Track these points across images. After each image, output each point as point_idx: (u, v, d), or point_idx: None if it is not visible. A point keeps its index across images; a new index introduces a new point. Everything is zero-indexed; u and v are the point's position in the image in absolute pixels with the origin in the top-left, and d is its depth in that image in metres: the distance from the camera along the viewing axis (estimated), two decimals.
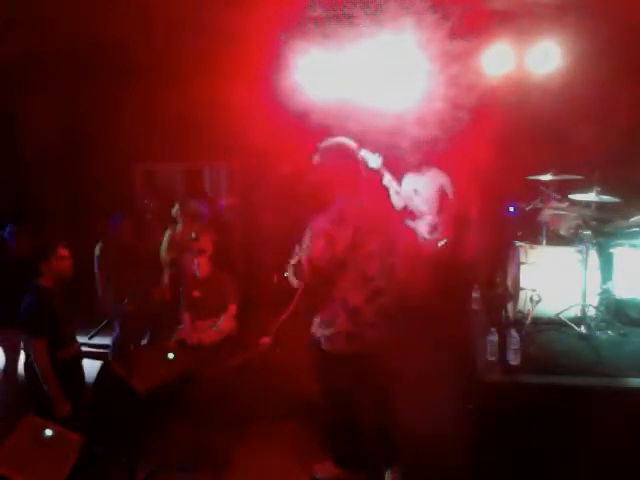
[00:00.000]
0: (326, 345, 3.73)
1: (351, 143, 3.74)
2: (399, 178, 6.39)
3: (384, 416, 3.90)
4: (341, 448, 3.92)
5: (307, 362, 4.11)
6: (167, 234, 6.34)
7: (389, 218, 3.98)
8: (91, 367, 4.52)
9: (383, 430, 3.91)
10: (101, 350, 5.91)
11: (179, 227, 6.33)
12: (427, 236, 6.20)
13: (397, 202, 6.14)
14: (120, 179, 7.64)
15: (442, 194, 6.26)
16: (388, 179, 5.96)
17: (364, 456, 3.90)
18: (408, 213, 6.19)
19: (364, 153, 5.68)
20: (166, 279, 6.27)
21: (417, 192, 6.27)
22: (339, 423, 3.87)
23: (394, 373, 4.00)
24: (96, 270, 5.78)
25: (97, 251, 5.80)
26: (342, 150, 3.73)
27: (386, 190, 6.05)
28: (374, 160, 5.77)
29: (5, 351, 5.20)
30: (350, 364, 3.73)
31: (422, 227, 6.21)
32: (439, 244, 6.18)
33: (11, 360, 5.12)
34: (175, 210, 6.34)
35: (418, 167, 6.29)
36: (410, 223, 6.22)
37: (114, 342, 5.79)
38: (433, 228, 6.20)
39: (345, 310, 3.67)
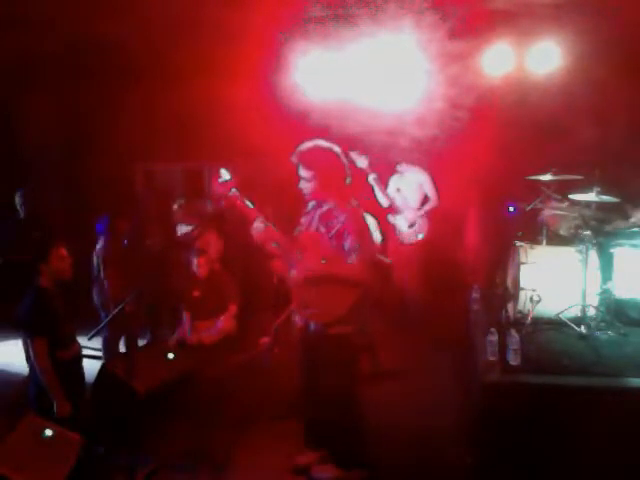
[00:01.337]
0: (341, 340, 3.70)
1: (332, 146, 3.73)
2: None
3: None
4: (340, 448, 3.91)
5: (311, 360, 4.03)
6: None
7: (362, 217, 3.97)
8: (91, 367, 4.52)
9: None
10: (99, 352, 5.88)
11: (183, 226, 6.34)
12: (405, 231, 6.33)
13: (382, 200, 6.25)
14: (120, 179, 7.63)
15: (421, 192, 6.39)
16: (373, 178, 6.09)
17: (362, 455, 3.88)
18: (390, 210, 6.29)
19: (353, 154, 5.78)
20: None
21: (399, 190, 6.40)
22: (338, 422, 3.86)
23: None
24: (94, 270, 5.77)
25: (97, 251, 5.79)
26: (327, 152, 3.71)
27: (371, 188, 6.18)
28: (361, 161, 5.87)
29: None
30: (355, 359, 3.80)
31: (401, 223, 6.33)
32: (413, 240, 6.34)
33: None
34: (177, 208, 6.34)
35: (400, 166, 6.40)
36: (391, 219, 6.34)
37: (104, 342, 5.76)
38: (411, 224, 6.31)
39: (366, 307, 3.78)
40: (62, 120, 7.67)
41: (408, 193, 6.38)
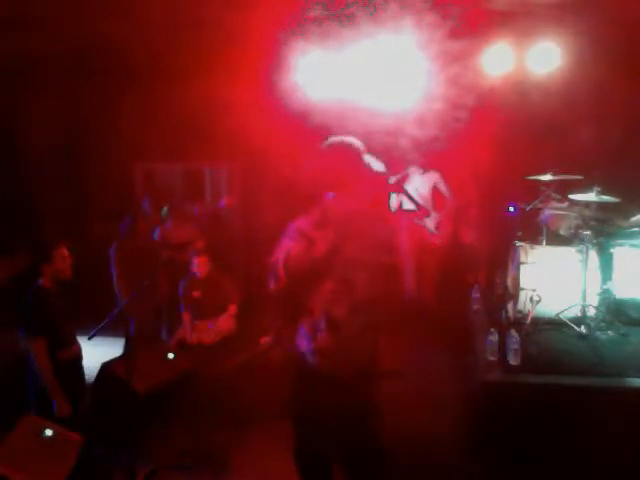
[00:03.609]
0: (311, 360, 3.17)
1: (357, 143, 3.43)
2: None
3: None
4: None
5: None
6: (156, 233, 6.35)
7: (381, 222, 3.53)
8: (91, 367, 4.51)
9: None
10: None
11: (168, 226, 6.36)
12: (435, 232, 6.39)
13: (393, 204, 6.22)
14: (120, 179, 7.63)
15: (437, 192, 6.43)
16: (395, 181, 6.06)
17: None
18: (416, 213, 6.29)
19: (368, 157, 5.74)
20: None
21: (417, 191, 6.37)
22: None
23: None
24: (112, 270, 5.80)
25: (112, 252, 5.83)
26: (344, 149, 3.39)
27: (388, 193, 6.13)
28: (378, 164, 5.84)
29: None
30: (330, 386, 3.14)
31: (429, 225, 6.39)
32: (440, 241, 6.42)
33: None
34: (164, 212, 6.37)
35: (416, 167, 6.42)
36: (419, 222, 6.35)
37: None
38: (438, 224, 6.39)
39: (326, 322, 3.09)
40: (62, 120, 7.67)
41: (425, 194, 6.41)
